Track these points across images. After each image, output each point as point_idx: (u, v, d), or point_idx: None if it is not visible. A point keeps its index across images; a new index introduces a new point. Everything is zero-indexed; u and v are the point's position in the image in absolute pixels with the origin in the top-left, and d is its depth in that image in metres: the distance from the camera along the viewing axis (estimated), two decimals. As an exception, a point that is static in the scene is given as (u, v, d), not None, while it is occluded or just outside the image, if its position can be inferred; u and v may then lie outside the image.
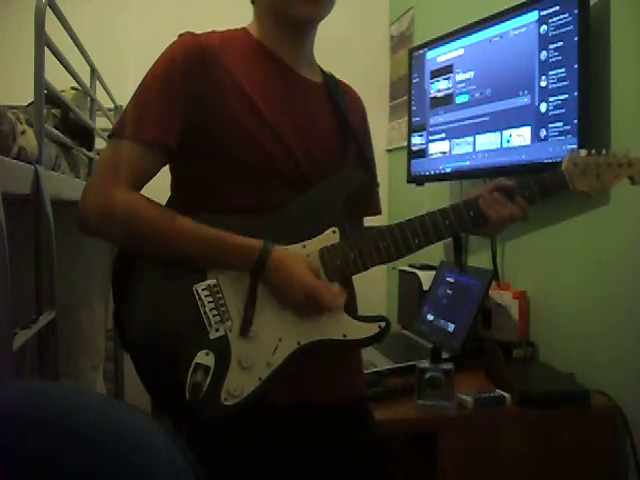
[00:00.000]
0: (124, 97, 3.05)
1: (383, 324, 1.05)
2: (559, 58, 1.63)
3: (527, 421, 1.46)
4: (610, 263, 1.55)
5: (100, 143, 2.36)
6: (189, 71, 1.03)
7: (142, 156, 1.02)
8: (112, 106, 2.75)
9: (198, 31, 1.13)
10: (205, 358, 0.97)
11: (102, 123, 2.45)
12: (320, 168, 1.09)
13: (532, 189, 1.10)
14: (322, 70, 1.22)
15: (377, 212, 1.30)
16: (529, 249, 1.91)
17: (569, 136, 1.60)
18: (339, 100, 1.17)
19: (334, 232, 1.05)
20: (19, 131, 1.22)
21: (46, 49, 1.37)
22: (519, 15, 1.78)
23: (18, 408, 0.34)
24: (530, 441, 1.44)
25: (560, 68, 1.62)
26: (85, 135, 1.90)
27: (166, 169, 1.11)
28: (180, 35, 1.10)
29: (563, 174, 1.12)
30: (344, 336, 1.03)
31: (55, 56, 1.51)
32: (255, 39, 1.12)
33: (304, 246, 1.04)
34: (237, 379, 0.97)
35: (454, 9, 2.45)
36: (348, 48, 3.05)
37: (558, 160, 1.62)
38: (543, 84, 1.69)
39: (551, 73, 1.66)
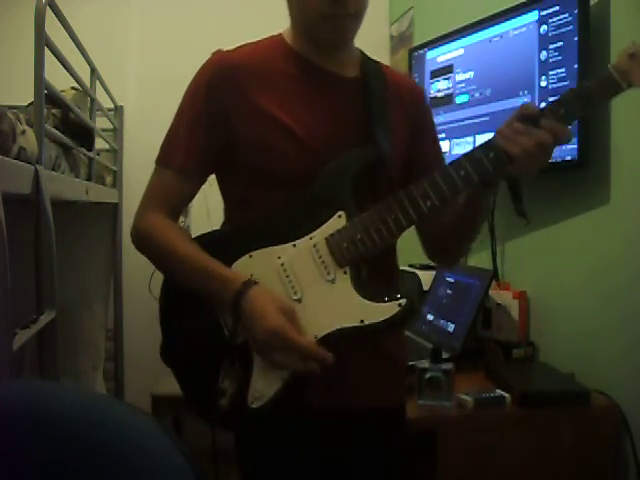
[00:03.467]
0: (124, 97, 3.08)
1: (403, 301, 0.97)
2: (559, 58, 1.63)
3: (527, 421, 1.46)
4: (610, 263, 1.55)
5: (100, 143, 2.37)
6: (213, 94, 1.05)
7: (173, 182, 1.07)
8: (112, 106, 2.75)
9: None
10: (230, 365, 1.01)
11: (102, 123, 2.45)
12: None
13: (567, 103, 0.94)
14: (365, 60, 1.20)
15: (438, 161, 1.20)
16: (529, 249, 1.91)
17: (569, 136, 1.60)
18: (377, 94, 1.10)
19: (340, 217, 1.00)
20: (19, 131, 1.22)
21: (46, 49, 1.37)
22: (519, 15, 1.78)
23: (18, 408, 0.34)
24: (530, 441, 1.43)
25: (560, 68, 1.62)
26: (85, 135, 1.90)
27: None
28: (213, 53, 1.10)
29: (610, 73, 0.93)
30: (362, 322, 0.97)
31: (55, 56, 1.51)
32: (288, 46, 1.10)
33: (311, 238, 1.01)
34: (261, 382, 0.98)
35: (454, 9, 2.45)
36: (348, 48, 3.05)
37: (558, 160, 1.63)
38: (543, 84, 1.69)
39: (551, 73, 1.65)
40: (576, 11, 1.57)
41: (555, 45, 1.64)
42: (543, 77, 1.69)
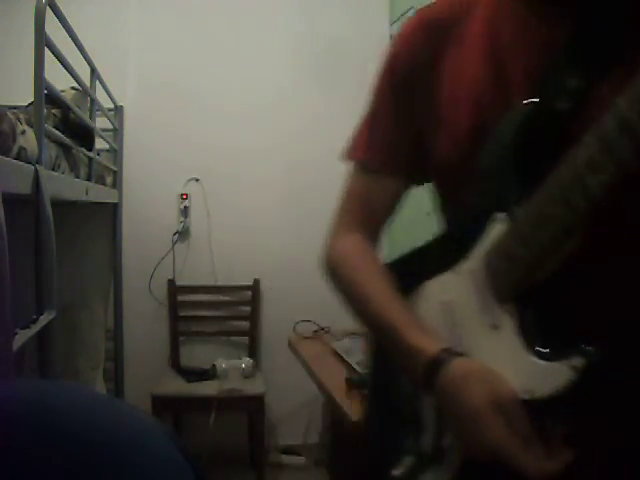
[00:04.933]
0: (124, 97, 3.07)
1: (579, 360, 0.59)
2: (559, 58, 1.63)
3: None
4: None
5: (100, 143, 2.37)
6: (402, 67, 0.82)
7: (366, 185, 0.86)
8: (112, 106, 2.75)
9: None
10: (408, 458, 0.78)
11: (102, 123, 2.45)
12: None
13: None
14: None
15: None
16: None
17: (569, 136, 1.60)
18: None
19: (500, 221, 0.69)
20: (19, 131, 1.22)
21: (46, 49, 1.37)
22: (519, 15, 1.78)
23: (17, 408, 0.34)
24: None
25: (560, 68, 1.62)
26: (85, 135, 1.90)
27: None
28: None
29: None
30: (529, 393, 0.63)
31: (55, 56, 1.51)
32: None
33: (470, 259, 0.73)
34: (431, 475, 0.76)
35: (454, 9, 2.45)
36: (348, 47, 3.05)
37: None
38: (543, 84, 1.68)
39: (551, 73, 1.65)
40: (576, 11, 1.57)
41: (555, 45, 1.64)
42: (543, 77, 1.68)
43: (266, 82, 3.03)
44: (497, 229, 0.69)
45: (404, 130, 0.82)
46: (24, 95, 1.55)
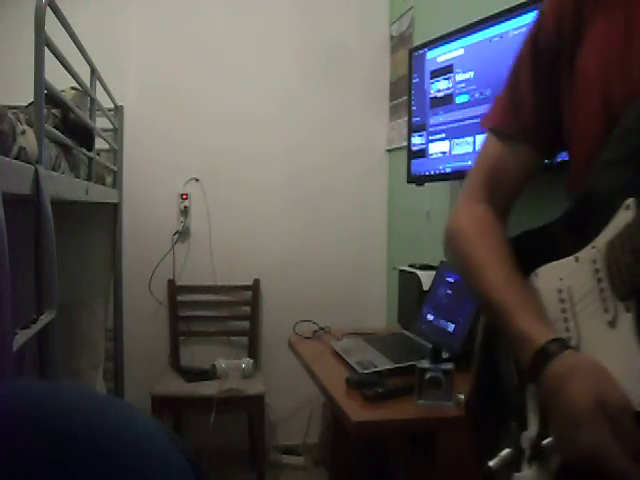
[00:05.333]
0: (124, 97, 3.07)
1: None
2: (559, 58, 1.63)
3: (527, 421, 1.45)
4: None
5: (100, 143, 2.37)
6: (546, 36, 0.80)
7: (498, 153, 0.82)
8: (112, 106, 2.75)
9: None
10: (507, 450, 0.76)
11: (102, 123, 2.45)
12: None
13: None
14: None
15: None
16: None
17: (569, 136, 1.60)
18: None
19: (627, 207, 0.63)
20: (19, 131, 1.22)
21: (46, 49, 1.37)
22: (519, 15, 1.78)
23: (17, 408, 0.34)
24: (530, 441, 1.43)
25: (560, 68, 1.62)
26: (85, 135, 1.90)
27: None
28: None
29: None
30: None
31: (55, 56, 1.51)
32: None
33: (593, 247, 0.68)
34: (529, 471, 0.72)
35: (454, 9, 2.45)
36: (348, 48, 3.05)
37: (557, 160, 1.63)
38: (543, 84, 1.68)
39: (551, 73, 1.65)
40: (576, 11, 1.57)
41: (555, 45, 1.64)
42: (543, 77, 1.68)
43: (267, 85, 3.03)
44: (624, 217, 0.64)
45: (543, 99, 0.79)
46: (24, 95, 1.55)
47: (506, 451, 0.75)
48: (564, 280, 0.71)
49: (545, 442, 0.68)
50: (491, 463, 0.74)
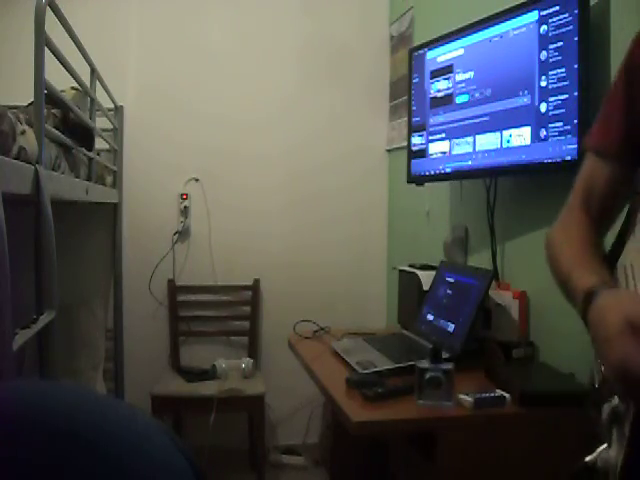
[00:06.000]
0: (124, 97, 3.07)
1: None
2: (559, 58, 1.63)
3: (527, 421, 1.46)
4: (610, 263, 1.54)
5: (100, 143, 2.36)
6: (636, 63, 0.88)
7: (591, 168, 0.91)
8: (112, 106, 2.75)
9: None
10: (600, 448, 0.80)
11: (102, 123, 2.45)
12: None
13: None
14: None
15: None
16: (529, 249, 1.91)
17: (569, 136, 1.60)
18: None
19: None
20: (19, 131, 1.22)
21: (46, 49, 1.37)
22: (519, 15, 1.78)
23: (17, 408, 0.34)
24: (530, 441, 1.43)
25: (560, 68, 1.62)
26: (85, 135, 1.90)
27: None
28: None
29: None
30: None
31: (55, 56, 1.51)
32: None
33: None
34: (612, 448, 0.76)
35: (454, 9, 2.45)
36: (348, 48, 3.05)
37: (558, 160, 1.63)
38: (543, 84, 1.69)
39: (551, 73, 1.65)
40: (576, 11, 1.57)
41: (555, 45, 1.64)
42: (543, 77, 1.68)
43: (267, 85, 3.03)
44: None
45: (631, 118, 0.86)
46: (24, 95, 1.55)
47: (602, 448, 0.78)
48: (633, 254, 0.78)
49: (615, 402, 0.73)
50: (588, 458, 0.79)
